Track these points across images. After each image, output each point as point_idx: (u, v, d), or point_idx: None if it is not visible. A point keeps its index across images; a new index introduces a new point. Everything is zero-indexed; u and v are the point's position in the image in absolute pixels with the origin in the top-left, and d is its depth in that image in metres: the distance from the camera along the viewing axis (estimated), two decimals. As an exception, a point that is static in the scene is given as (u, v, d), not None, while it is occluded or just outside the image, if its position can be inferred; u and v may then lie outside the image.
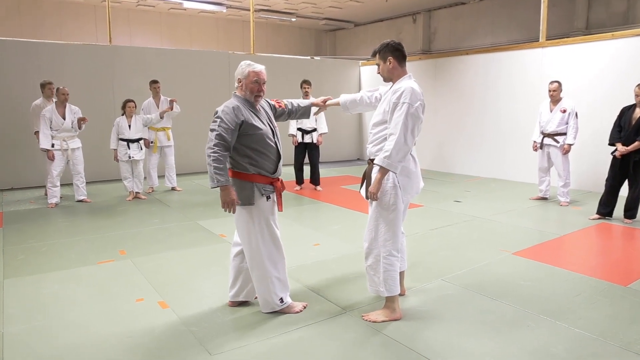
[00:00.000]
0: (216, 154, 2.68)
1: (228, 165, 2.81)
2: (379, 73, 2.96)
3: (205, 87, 9.15)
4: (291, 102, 3.25)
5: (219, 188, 2.74)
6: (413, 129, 2.72)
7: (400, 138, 2.68)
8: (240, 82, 2.85)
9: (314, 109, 3.37)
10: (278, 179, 2.96)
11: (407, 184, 2.89)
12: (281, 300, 2.97)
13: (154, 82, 7.16)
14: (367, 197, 2.93)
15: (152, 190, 7.27)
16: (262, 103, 3.01)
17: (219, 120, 2.74)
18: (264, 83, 2.90)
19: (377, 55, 2.91)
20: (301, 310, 3.04)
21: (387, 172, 2.75)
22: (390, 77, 2.90)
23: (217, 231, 4.99)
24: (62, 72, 7.71)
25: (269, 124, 2.95)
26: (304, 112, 3.32)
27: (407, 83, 2.79)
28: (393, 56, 2.85)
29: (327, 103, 3.33)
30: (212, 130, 2.74)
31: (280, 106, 3.17)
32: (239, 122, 2.76)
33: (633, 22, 9.50)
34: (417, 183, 2.98)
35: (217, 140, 2.70)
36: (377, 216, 2.87)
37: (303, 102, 3.30)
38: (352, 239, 4.69)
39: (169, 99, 7.21)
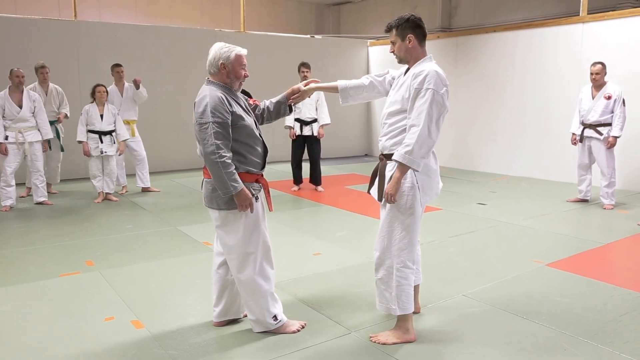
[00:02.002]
0: (223, 158, 2.70)
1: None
2: (392, 52, 2.95)
3: (188, 70, 9.15)
4: (264, 102, 3.18)
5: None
6: (438, 120, 2.73)
7: (424, 130, 2.68)
8: (224, 67, 2.85)
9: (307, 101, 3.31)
10: (262, 175, 2.98)
11: (427, 184, 2.89)
12: (275, 318, 2.98)
13: (117, 65, 7.20)
14: (379, 199, 2.93)
15: (126, 191, 7.28)
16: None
17: (210, 115, 2.71)
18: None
19: (394, 32, 2.89)
20: (298, 330, 3.04)
21: (407, 169, 2.75)
22: (407, 58, 2.90)
23: (201, 238, 4.99)
24: (17, 52, 7.73)
25: (251, 113, 2.98)
26: (278, 110, 3.16)
27: (430, 66, 2.79)
28: (414, 34, 2.85)
29: (311, 87, 3.16)
30: (204, 130, 2.71)
31: (256, 103, 3.15)
32: (230, 113, 2.78)
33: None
34: (437, 182, 2.98)
35: (218, 141, 2.70)
36: (391, 221, 2.87)
37: (275, 98, 3.18)
38: (358, 248, 4.69)
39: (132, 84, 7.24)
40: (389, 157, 2.89)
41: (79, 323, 3.19)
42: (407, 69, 2.92)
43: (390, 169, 2.86)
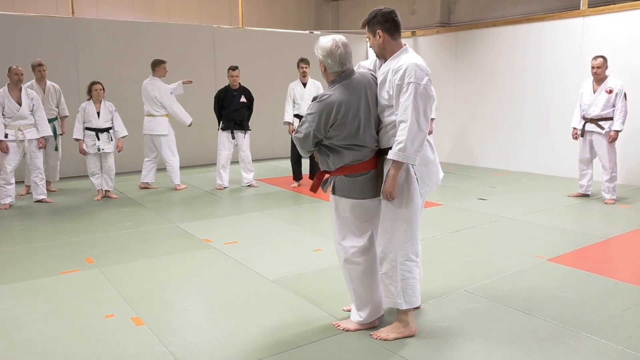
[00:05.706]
0: None
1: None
2: (371, 47, 2.97)
3: (186, 67, 9.12)
4: None
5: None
6: (425, 111, 2.70)
7: (414, 124, 2.66)
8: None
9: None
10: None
11: (425, 174, 2.88)
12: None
13: (161, 62, 7.29)
14: (377, 194, 2.92)
15: (149, 187, 7.39)
16: None
17: None
18: None
19: (366, 29, 2.91)
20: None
21: (402, 166, 2.74)
22: (382, 52, 2.89)
23: (201, 235, 4.98)
24: (14, 49, 7.70)
25: None
26: None
27: (407, 58, 2.76)
28: (382, 28, 2.83)
29: None
30: None
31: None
32: None
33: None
34: (437, 172, 2.97)
35: None
36: (392, 215, 2.86)
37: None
38: (359, 244, 4.68)
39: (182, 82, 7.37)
40: (384, 152, 2.88)
41: (79, 320, 3.18)
42: (385, 62, 2.90)
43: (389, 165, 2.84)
